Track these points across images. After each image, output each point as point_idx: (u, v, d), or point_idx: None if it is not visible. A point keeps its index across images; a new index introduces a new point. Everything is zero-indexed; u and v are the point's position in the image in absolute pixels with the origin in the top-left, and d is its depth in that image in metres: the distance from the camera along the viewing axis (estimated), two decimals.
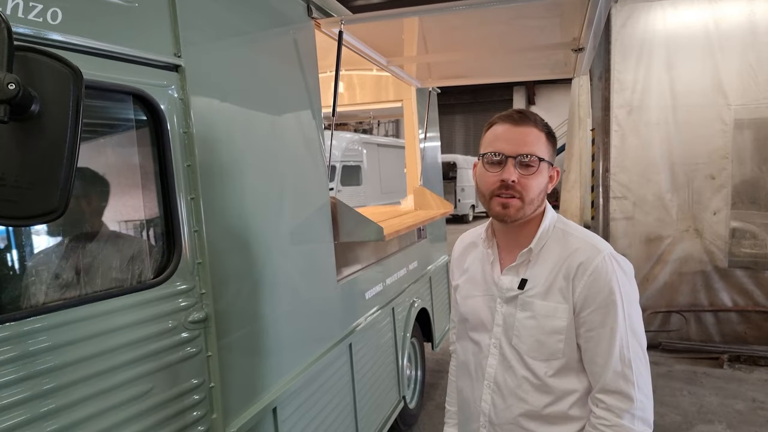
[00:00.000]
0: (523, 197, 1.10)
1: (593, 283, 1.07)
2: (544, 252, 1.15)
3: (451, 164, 15.95)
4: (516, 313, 1.15)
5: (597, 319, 1.07)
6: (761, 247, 4.25)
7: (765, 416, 3.32)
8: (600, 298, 1.06)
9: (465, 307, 1.28)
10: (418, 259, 3.47)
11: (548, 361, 1.12)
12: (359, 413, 2.30)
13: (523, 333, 1.14)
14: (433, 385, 3.94)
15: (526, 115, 1.13)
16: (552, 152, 1.15)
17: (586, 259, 1.09)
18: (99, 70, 1.12)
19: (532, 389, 1.13)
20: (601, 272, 1.07)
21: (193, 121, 1.34)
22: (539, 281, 1.13)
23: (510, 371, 1.16)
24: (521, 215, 1.12)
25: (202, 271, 1.34)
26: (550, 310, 1.11)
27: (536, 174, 1.10)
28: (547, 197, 1.18)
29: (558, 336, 1.10)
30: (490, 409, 1.20)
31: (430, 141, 4.04)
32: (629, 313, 1.07)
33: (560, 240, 1.15)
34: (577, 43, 2.65)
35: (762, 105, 4.14)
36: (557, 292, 1.10)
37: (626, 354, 1.05)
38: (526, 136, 1.10)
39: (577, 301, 1.08)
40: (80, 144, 0.79)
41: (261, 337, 1.59)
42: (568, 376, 1.12)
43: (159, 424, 1.22)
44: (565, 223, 1.19)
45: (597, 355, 1.07)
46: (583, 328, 1.09)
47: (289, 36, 1.90)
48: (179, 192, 1.30)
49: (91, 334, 1.10)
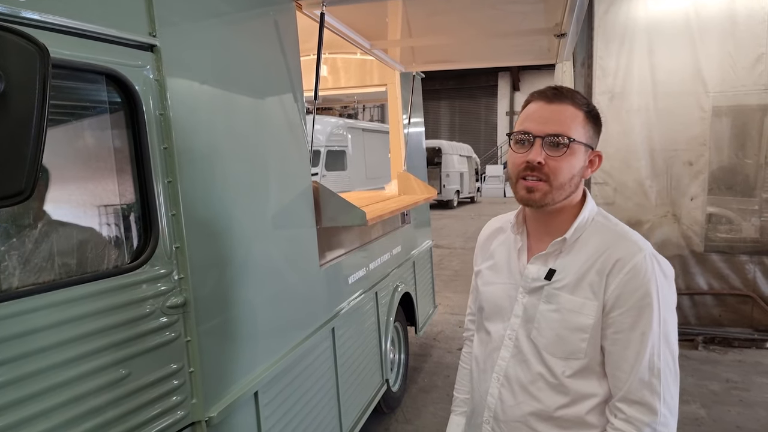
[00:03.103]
0: (551, 181, 1.01)
1: (629, 281, 0.98)
2: (578, 243, 1.06)
3: (436, 150, 15.95)
4: (539, 304, 1.07)
5: (628, 321, 0.98)
6: (736, 232, 4.36)
7: (738, 396, 3.44)
8: (635, 298, 0.98)
9: (484, 294, 1.21)
10: (402, 244, 3.48)
11: (567, 359, 1.04)
12: (342, 396, 2.32)
13: (543, 326, 1.06)
14: (416, 369, 3.99)
15: (562, 91, 1.03)
16: (592, 134, 1.05)
17: (624, 255, 1.00)
18: (70, 48, 1.09)
19: (546, 387, 1.06)
20: (639, 271, 0.98)
21: (169, 102, 1.31)
22: (569, 273, 1.05)
23: (524, 365, 1.09)
24: (548, 200, 1.03)
25: (180, 255, 1.33)
26: (576, 305, 1.02)
27: (567, 156, 1.00)
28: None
29: (582, 334, 1.02)
30: (496, 404, 1.13)
31: (414, 126, 4.02)
32: (665, 319, 0.98)
33: (598, 233, 1.06)
34: (560, 28, 2.65)
35: (740, 93, 4.20)
36: (587, 287, 1.02)
37: (656, 362, 0.97)
38: (559, 114, 1.01)
39: (609, 300, 1.00)
40: (47, 124, 0.76)
41: (242, 322, 1.59)
42: (587, 378, 1.04)
43: (137, 409, 1.21)
44: (605, 217, 1.10)
45: (623, 360, 0.99)
46: (610, 329, 1.00)
47: (270, 17, 1.86)
48: (156, 175, 1.27)
49: (65, 319, 1.08)
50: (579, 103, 1.03)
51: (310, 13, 2.26)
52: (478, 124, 25.04)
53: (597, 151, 1.07)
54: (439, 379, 3.82)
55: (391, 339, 3.18)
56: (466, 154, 18.00)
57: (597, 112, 1.06)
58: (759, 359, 4.01)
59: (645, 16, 4.33)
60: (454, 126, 25.17)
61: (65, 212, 1.28)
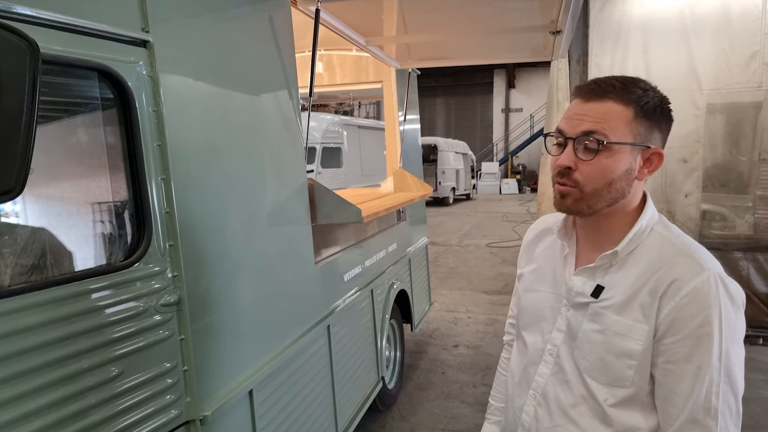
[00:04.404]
0: (581, 187, 0.91)
1: (687, 306, 0.86)
2: (633, 257, 0.94)
3: (432, 147, 15.95)
4: (583, 323, 0.96)
5: (683, 351, 0.86)
6: (730, 229, 4.38)
7: None
8: (692, 326, 0.85)
9: (524, 300, 1.11)
10: (397, 241, 3.48)
11: (611, 387, 0.93)
12: (337, 394, 2.31)
13: (586, 348, 0.95)
14: (412, 366, 4.00)
15: (601, 85, 0.91)
16: (644, 130, 0.91)
17: (684, 275, 0.87)
18: (61, 44, 1.08)
19: (589, 413, 0.95)
20: (699, 295, 0.85)
21: (163, 99, 1.30)
22: (619, 291, 0.93)
23: (566, 386, 0.98)
24: (582, 208, 0.93)
25: (173, 253, 1.32)
26: (624, 327, 0.91)
27: (602, 159, 0.89)
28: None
29: (628, 361, 0.91)
30: (531, 423, 1.03)
31: (410, 123, 4.02)
32: (727, 352, 0.85)
33: (656, 246, 0.93)
34: (555, 25, 2.65)
35: (734, 90, 4.22)
36: (637, 308, 0.90)
37: (713, 401, 0.85)
38: (594, 112, 0.90)
39: (661, 324, 0.88)
40: (37, 121, 0.75)
41: (236, 320, 1.58)
42: (632, 409, 0.93)
43: (130, 408, 1.20)
44: (666, 227, 0.96)
45: (674, 395, 0.88)
46: (662, 358, 0.89)
47: (265, 13, 1.85)
48: (149, 172, 1.26)
49: (57, 318, 1.07)
50: (627, 97, 0.90)
51: (305, 9, 2.25)
52: (473, 121, 25.03)
53: (655, 149, 0.92)
54: (434, 376, 3.83)
55: (387, 336, 3.18)
56: (462, 151, 18.01)
57: (656, 104, 0.91)
58: (752, 355, 4.03)
59: (640, 13, 4.34)
60: (449, 123, 25.16)
61: (57, 209, 1.27)
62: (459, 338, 4.63)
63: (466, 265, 7.67)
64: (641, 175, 0.93)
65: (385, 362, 3.15)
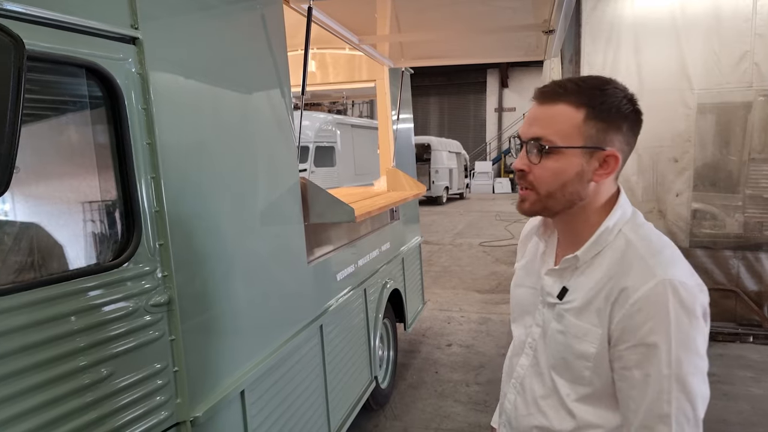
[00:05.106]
0: (537, 190, 0.93)
1: (636, 314, 0.86)
2: (597, 260, 0.94)
3: (425, 146, 15.96)
4: (551, 322, 0.99)
5: (633, 358, 0.87)
6: (720, 228, 4.42)
7: (722, 389, 3.49)
8: (641, 334, 0.85)
9: (514, 294, 1.14)
10: (390, 241, 3.47)
11: (573, 384, 0.96)
12: (330, 394, 2.31)
13: (552, 345, 0.99)
14: (405, 365, 3.99)
15: (555, 89, 0.92)
16: (599, 132, 0.90)
17: (634, 283, 0.87)
18: (47, 41, 1.06)
19: (557, 405, 0.98)
20: (647, 303, 0.85)
21: (152, 97, 1.28)
22: (579, 295, 0.94)
23: (539, 378, 1.02)
24: (538, 209, 0.96)
25: (163, 252, 1.31)
26: (581, 331, 0.93)
27: (550, 162, 0.91)
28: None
29: (585, 362, 0.93)
30: (511, 410, 1.08)
31: (403, 122, 4.01)
32: (679, 360, 0.83)
33: (619, 250, 0.92)
34: (548, 24, 2.65)
35: (724, 90, 4.25)
36: (594, 313, 0.91)
37: (665, 409, 0.84)
38: (544, 116, 0.92)
39: (614, 332, 0.89)
40: (23, 119, 0.74)
41: (228, 320, 1.57)
42: (594, 406, 0.95)
43: (120, 410, 1.19)
44: (635, 228, 0.94)
45: (630, 399, 0.89)
46: (617, 364, 0.90)
47: (257, 11, 1.83)
48: (138, 171, 1.25)
49: (45, 318, 1.06)
50: (578, 99, 0.90)
51: (298, 7, 2.23)
52: (467, 120, 25.08)
53: (610, 151, 0.91)
54: (427, 376, 3.83)
55: (380, 336, 3.18)
56: (455, 151, 18.03)
57: (612, 105, 0.90)
58: (742, 353, 4.07)
59: (631, 13, 4.36)
60: (443, 122, 25.19)
61: (44, 209, 1.25)
62: (452, 337, 4.63)
63: (459, 264, 7.68)
64: (597, 177, 0.93)
65: (378, 361, 3.15)
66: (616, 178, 0.98)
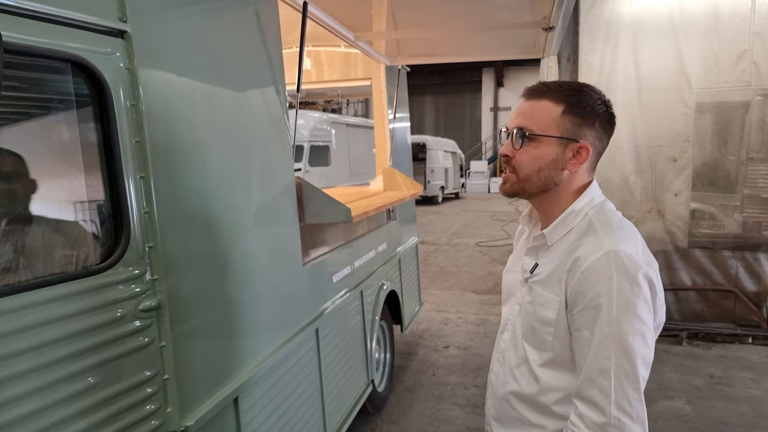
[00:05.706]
0: (517, 173, 1.09)
1: (585, 281, 0.99)
2: (565, 239, 1.08)
3: (421, 145, 15.91)
4: (525, 295, 1.14)
5: (582, 320, 1.00)
6: (719, 228, 4.40)
7: (722, 391, 3.46)
8: (588, 298, 0.99)
9: (504, 279, 1.29)
10: (387, 241, 3.43)
11: (539, 350, 1.09)
12: (326, 398, 2.26)
13: (523, 315, 1.13)
14: (402, 368, 3.95)
15: (540, 87, 1.08)
16: (574, 126, 1.05)
17: (585, 253, 1.01)
18: (29, 33, 1.01)
19: (526, 372, 1.12)
20: (593, 270, 0.98)
21: (142, 93, 1.23)
22: (547, 268, 1.09)
23: (514, 349, 1.16)
24: (516, 190, 1.10)
25: (153, 255, 1.25)
26: (545, 299, 1.07)
27: (530, 149, 1.06)
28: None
29: (547, 328, 1.06)
30: (494, 380, 1.22)
31: (399, 121, 3.97)
32: (618, 321, 0.95)
33: (582, 230, 1.06)
34: (548, 21, 2.61)
35: (723, 89, 4.23)
36: (556, 282, 1.05)
37: (604, 364, 0.96)
38: (528, 109, 1.08)
39: (569, 298, 1.02)
40: (1, 116, 0.69)
41: (220, 325, 1.52)
42: (557, 371, 1.07)
43: (107, 420, 1.13)
44: (600, 211, 1.07)
45: (580, 359, 1.01)
46: (572, 327, 1.03)
47: (251, 6, 1.78)
48: (127, 171, 1.19)
49: (28, 325, 1.00)
50: (558, 96, 1.05)
51: (293, 3, 2.18)
52: (462, 119, 25.08)
53: (582, 143, 1.06)
54: (425, 378, 3.78)
55: (377, 338, 3.13)
56: (451, 150, 18.01)
57: (587, 104, 1.05)
58: (741, 354, 4.06)
59: (630, 12, 4.34)
60: (438, 121, 25.17)
61: (28, 210, 1.19)
62: (449, 339, 4.59)
63: (456, 265, 7.64)
64: (571, 166, 1.07)
65: (375, 364, 3.10)
66: (592, 170, 1.12)
